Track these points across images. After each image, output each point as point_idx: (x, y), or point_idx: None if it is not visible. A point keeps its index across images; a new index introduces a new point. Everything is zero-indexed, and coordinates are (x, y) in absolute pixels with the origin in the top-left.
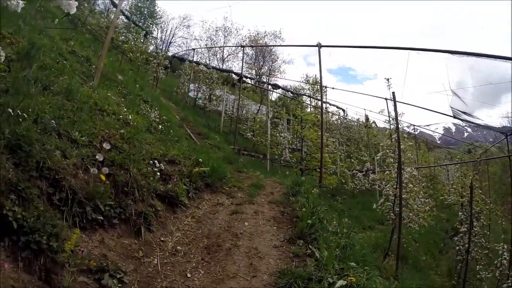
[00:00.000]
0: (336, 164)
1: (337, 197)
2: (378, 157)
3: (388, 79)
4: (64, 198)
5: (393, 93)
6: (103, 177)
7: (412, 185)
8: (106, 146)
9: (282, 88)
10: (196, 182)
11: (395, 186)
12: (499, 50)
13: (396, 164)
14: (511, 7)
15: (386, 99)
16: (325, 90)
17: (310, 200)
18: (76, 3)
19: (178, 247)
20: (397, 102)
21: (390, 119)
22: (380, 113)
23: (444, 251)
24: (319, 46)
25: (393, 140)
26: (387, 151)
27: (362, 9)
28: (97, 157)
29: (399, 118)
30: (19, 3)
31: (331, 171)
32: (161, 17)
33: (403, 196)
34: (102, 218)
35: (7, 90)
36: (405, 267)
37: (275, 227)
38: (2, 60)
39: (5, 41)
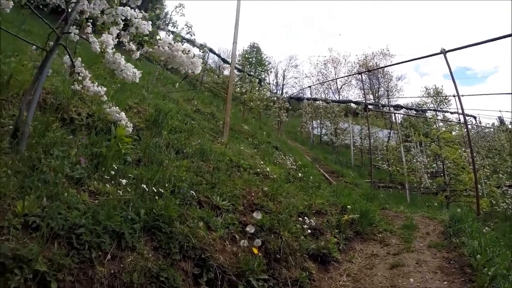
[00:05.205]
0: (480, 182)
1: (488, 222)
2: None
3: None
4: (213, 278)
5: None
6: (255, 251)
7: None
8: (257, 215)
9: (405, 108)
10: (345, 231)
11: None
12: None
13: None
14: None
15: None
16: (449, 100)
17: (483, 243)
18: (201, 60)
19: None
20: None
21: None
22: None
23: None
24: (444, 52)
25: None
26: None
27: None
28: (247, 229)
29: None
30: (135, 73)
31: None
32: (269, 63)
33: None
34: None
35: (139, 160)
36: None
37: (445, 282)
38: (130, 131)
39: (132, 111)
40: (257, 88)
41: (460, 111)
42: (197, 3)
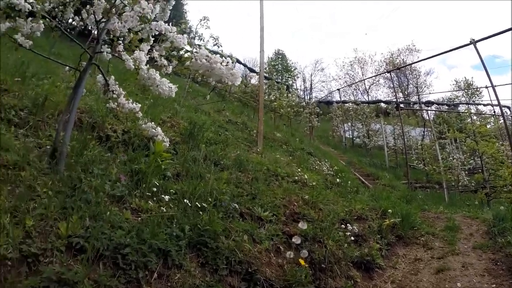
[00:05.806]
0: None
1: None
2: None
3: None
4: None
5: None
6: (302, 262)
7: None
8: (302, 226)
9: (437, 103)
10: (387, 236)
11: None
12: None
13: None
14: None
15: None
16: (480, 91)
17: None
18: (240, 72)
19: None
20: None
21: None
22: None
23: None
24: (474, 42)
25: None
26: None
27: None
28: (293, 240)
29: None
30: (171, 88)
31: None
32: (295, 69)
33: None
34: None
35: (178, 175)
36: None
37: (493, 285)
38: (167, 145)
39: (166, 125)
40: (285, 95)
41: (495, 102)
42: (216, 14)
